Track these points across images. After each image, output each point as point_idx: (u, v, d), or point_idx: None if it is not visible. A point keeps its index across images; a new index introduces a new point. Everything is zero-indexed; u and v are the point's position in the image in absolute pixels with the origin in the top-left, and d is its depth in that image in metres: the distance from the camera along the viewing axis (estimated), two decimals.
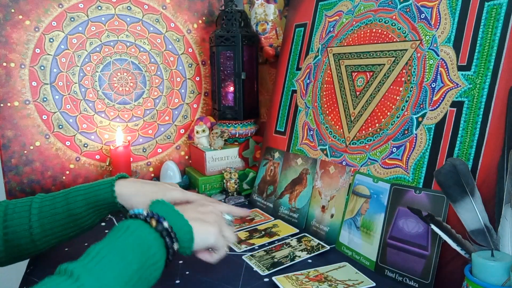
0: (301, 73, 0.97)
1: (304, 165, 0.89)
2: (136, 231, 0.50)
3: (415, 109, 0.70)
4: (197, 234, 0.56)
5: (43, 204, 0.63)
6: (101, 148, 1.07)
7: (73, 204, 0.64)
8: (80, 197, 0.64)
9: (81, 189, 0.65)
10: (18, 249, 0.62)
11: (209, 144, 1.12)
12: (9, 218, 0.62)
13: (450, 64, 0.66)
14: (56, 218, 0.63)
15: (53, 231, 0.63)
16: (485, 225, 0.54)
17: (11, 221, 0.62)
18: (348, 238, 0.74)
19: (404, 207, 0.66)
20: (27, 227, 0.61)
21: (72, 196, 0.64)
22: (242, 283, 0.64)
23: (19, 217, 0.62)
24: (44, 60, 1.00)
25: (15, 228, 0.61)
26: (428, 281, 0.60)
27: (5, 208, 0.63)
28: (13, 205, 0.63)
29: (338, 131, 0.84)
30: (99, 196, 0.65)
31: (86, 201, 0.64)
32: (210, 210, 0.62)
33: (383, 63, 0.77)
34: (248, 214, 0.78)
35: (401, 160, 0.71)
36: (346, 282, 0.63)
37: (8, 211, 0.62)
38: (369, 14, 0.82)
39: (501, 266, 0.47)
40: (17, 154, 0.98)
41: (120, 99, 1.09)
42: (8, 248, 0.62)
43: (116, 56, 1.08)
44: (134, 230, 0.50)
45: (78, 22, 1.03)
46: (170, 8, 1.15)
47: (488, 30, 0.62)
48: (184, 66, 1.18)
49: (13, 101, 0.97)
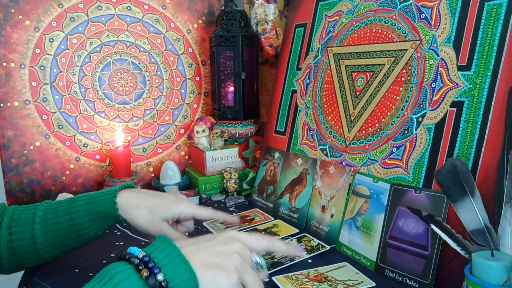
0: (301, 73, 0.97)
1: (304, 165, 0.89)
2: (120, 284, 0.39)
3: (415, 109, 0.70)
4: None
5: (46, 212, 0.61)
6: (101, 148, 1.07)
7: (75, 214, 0.60)
8: (82, 207, 0.61)
9: (83, 198, 0.62)
10: (21, 257, 0.60)
11: (209, 144, 1.12)
12: (14, 225, 0.60)
13: (450, 64, 0.66)
14: (59, 227, 0.60)
15: (55, 241, 0.60)
16: (485, 225, 0.54)
17: (16, 228, 0.59)
18: (348, 238, 0.74)
19: (404, 207, 0.66)
20: (30, 235, 0.59)
21: (74, 206, 0.61)
22: None
23: (24, 224, 0.60)
24: (44, 60, 1.00)
25: (19, 236, 0.59)
26: (428, 281, 0.60)
27: (12, 214, 0.61)
28: (19, 212, 0.61)
29: (338, 131, 0.84)
30: (100, 207, 0.60)
31: (88, 211, 0.60)
32: (233, 250, 0.46)
33: (383, 63, 0.77)
34: (298, 253, 0.57)
35: (401, 160, 0.71)
36: (346, 282, 0.63)
37: (14, 218, 0.60)
38: (369, 14, 0.82)
39: (501, 266, 0.47)
40: (17, 154, 0.98)
41: (120, 99, 1.09)
42: (12, 255, 0.60)
43: (116, 56, 1.08)
44: (118, 282, 0.39)
45: (78, 22, 1.03)
46: (170, 8, 1.15)
47: (488, 30, 0.62)
48: (184, 66, 1.18)
49: (13, 101, 0.97)
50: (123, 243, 0.80)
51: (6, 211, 0.62)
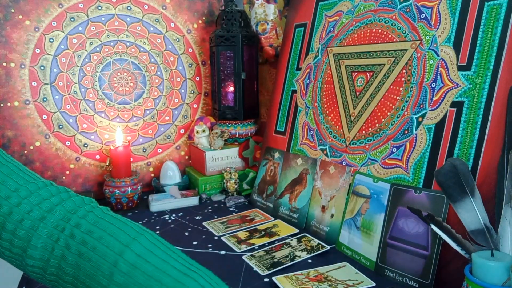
0: (301, 73, 0.97)
1: (304, 165, 0.89)
2: None
3: (415, 109, 0.70)
4: None
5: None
6: (101, 148, 1.07)
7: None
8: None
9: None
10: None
11: (209, 144, 1.12)
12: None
13: (450, 64, 0.66)
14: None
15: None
16: (485, 225, 0.54)
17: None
18: (348, 238, 0.74)
19: (404, 207, 0.66)
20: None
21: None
22: (242, 283, 0.64)
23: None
24: (44, 60, 1.00)
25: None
26: (428, 281, 0.60)
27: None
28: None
29: (338, 131, 0.84)
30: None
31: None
32: None
33: (383, 63, 0.77)
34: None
35: (401, 160, 0.71)
36: (346, 282, 0.63)
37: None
38: (369, 14, 0.82)
39: (501, 266, 0.47)
40: (17, 154, 0.98)
41: (120, 99, 1.09)
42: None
43: (116, 56, 1.08)
44: None
45: (78, 22, 1.03)
46: (170, 8, 1.15)
47: (488, 30, 0.62)
48: (184, 66, 1.18)
49: (13, 101, 0.97)
50: None
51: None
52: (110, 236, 0.42)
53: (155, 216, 0.95)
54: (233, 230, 0.85)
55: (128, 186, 0.98)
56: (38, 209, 0.45)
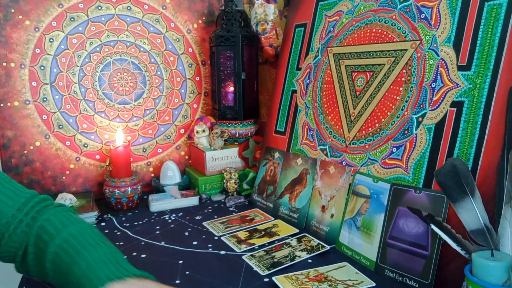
0: (301, 73, 0.97)
1: (304, 165, 0.89)
2: None
3: (415, 109, 0.70)
4: None
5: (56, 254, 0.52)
6: (101, 148, 1.07)
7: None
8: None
9: (78, 270, 0.50)
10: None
11: (209, 144, 1.12)
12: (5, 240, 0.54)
13: (450, 64, 0.66)
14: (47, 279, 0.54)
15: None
16: (485, 225, 0.54)
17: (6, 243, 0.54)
18: (348, 238, 0.74)
19: (404, 207, 0.66)
20: (19, 259, 0.55)
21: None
22: (242, 283, 0.64)
23: (14, 246, 0.54)
24: (44, 60, 1.00)
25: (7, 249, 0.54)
26: (428, 281, 0.60)
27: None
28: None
29: (338, 131, 0.84)
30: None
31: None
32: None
33: (383, 63, 0.77)
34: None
35: (401, 160, 0.71)
36: (346, 282, 0.63)
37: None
38: (369, 14, 0.82)
39: (501, 266, 0.47)
40: (17, 154, 0.98)
41: (120, 99, 1.09)
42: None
43: (116, 56, 1.08)
44: None
45: (78, 22, 1.03)
46: (170, 8, 1.15)
47: (488, 30, 0.62)
48: (184, 66, 1.18)
49: (13, 101, 0.97)
50: (123, 243, 0.80)
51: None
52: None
53: (155, 216, 0.95)
54: (233, 230, 0.85)
55: (128, 186, 0.98)
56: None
